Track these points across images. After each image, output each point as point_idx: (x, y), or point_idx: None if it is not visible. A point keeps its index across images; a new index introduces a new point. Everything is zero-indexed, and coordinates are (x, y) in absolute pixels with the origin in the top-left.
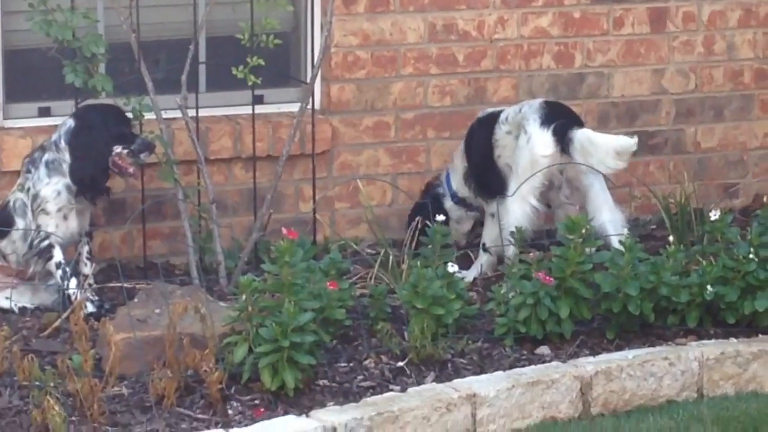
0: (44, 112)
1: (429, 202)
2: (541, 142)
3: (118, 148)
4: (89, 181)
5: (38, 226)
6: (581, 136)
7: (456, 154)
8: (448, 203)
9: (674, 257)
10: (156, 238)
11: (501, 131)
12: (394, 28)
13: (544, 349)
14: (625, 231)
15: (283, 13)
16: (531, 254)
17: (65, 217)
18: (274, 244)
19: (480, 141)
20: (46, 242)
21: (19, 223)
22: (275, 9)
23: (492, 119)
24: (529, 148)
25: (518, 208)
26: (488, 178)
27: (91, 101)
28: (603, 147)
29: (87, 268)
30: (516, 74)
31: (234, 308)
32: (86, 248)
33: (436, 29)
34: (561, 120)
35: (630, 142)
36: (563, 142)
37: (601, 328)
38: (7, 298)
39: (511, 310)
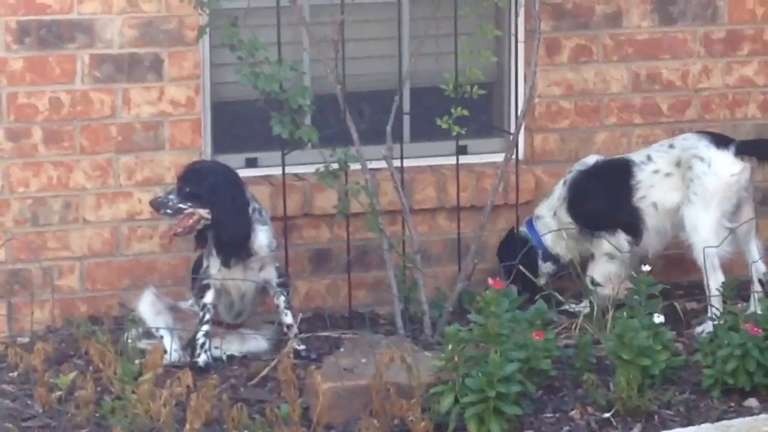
0: (251, 163)
1: (522, 260)
2: (727, 162)
3: None
4: None
5: (206, 267)
6: None
7: (544, 212)
8: (540, 261)
9: None
10: (361, 288)
11: (644, 172)
12: (597, 77)
13: (752, 401)
14: None
15: (486, 63)
16: (738, 305)
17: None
18: (479, 294)
19: (603, 188)
20: (205, 281)
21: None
22: (479, 60)
23: (617, 166)
24: (713, 172)
25: (717, 236)
26: (621, 220)
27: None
28: None
29: (288, 318)
30: (721, 124)
31: (440, 358)
32: (282, 298)
33: (639, 79)
34: (734, 141)
35: None
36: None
37: None
38: (216, 347)
39: (718, 361)
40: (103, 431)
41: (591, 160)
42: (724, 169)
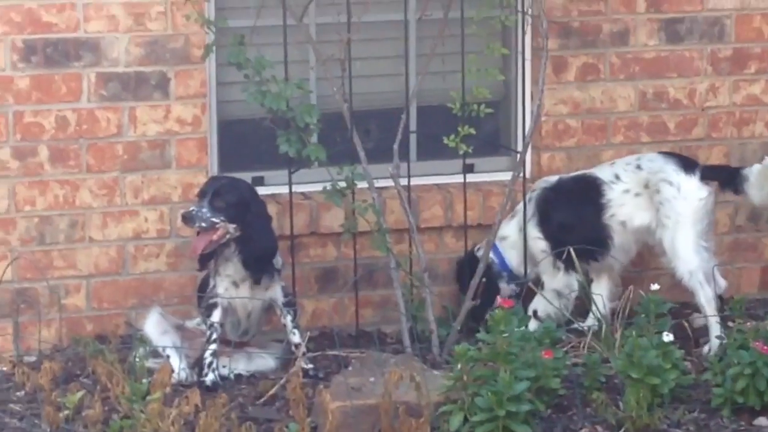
0: (258, 182)
1: (485, 285)
2: (694, 187)
3: None
4: None
5: (213, 287)
6: (757, 170)
7: (509, 232)
8: (503, 284)
9: None
10: (367, 307)
11: (614, 191)
12: (604, 96)
13: (762, 420)
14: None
15: (493, 82)
16: (748, 323)
17: (235, 284)
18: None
19: (575, 206)
20: (212, 300)
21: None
22: (486, 78)
23: (585, 183)
24: (683, 197)
25: (698, 258)
26: (590, 240)
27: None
28: None
29: (296, 337)
30: (728, 142)
31: (449, 377)
32: (288, 317)
33: (646, 97)
34: (699, 165)
35: None
36: (731, 183)
37: None
38: (224, 366)
39: (728, 380)
40: None
41: (553, 178)
42: (693, 194)
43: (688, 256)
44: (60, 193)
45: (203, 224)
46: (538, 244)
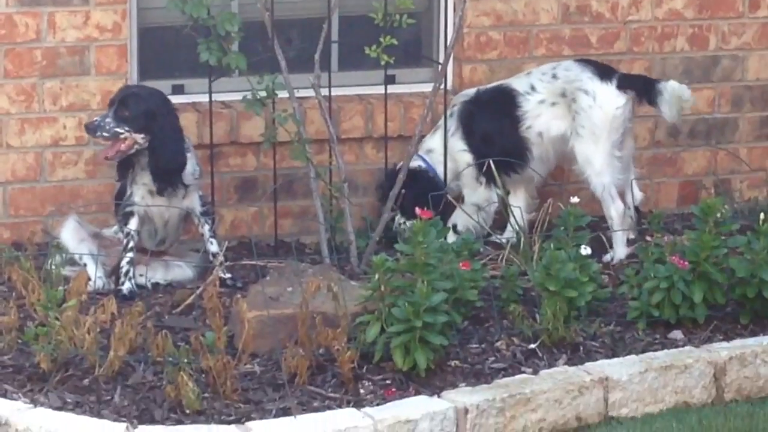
0: (178, 90)
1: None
2: (611, 96)
3: None
4: None
5: (130, 195)
6: (672, 87)
7: (435, 145)
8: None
9: None
10: (287, 217)
11: (531, 102)
12: (527, 8)
13: (677, 334)
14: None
15: None
16: (665, 238)
17: (151, 192)
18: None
19: (494, 118)
20: (129, 208)
21: None
22: None
23: (502, 95)
24: (599, 105)
25: (610, 167)
26: (511, 152)
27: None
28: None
29: (213, 246)
30: (649, 57)
31: (367, 287)
32: (206, 227)
33: (569, 10)
34: (616, 73)
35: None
36: (646, 94)
37: (735, 313)
38: (141, 275)
39: (644, 293)
40: (26, 358)
41: (471, 91)
42: (609, 103)
43: (602, 167)
44: None
45: (105, 134)
46: (464, 156)
